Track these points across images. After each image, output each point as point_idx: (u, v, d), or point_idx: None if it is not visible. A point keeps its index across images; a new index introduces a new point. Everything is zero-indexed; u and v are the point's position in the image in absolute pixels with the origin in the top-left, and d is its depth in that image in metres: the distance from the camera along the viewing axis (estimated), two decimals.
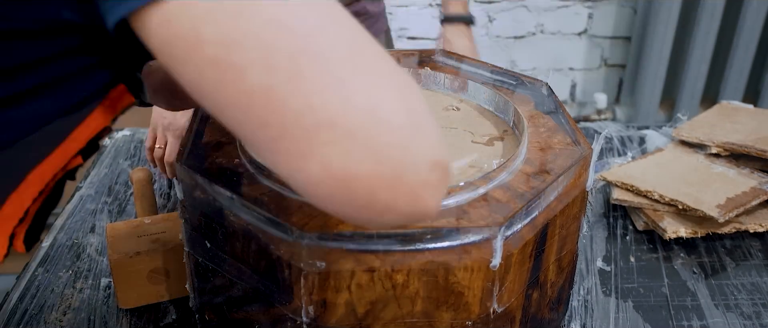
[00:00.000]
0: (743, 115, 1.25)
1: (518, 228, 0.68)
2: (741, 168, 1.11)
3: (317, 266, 0.63)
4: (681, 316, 0.91)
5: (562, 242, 0.76)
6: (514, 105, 0.89)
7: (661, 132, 1.33)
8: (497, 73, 0.97)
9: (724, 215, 1.00)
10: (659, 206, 1.06)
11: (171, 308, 0.91)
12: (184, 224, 0.76)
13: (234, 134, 0.49)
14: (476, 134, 0.88)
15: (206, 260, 0.75)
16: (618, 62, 2.34)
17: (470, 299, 0.66)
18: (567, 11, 2.26)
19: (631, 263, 1.01)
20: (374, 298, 0.65)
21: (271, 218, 0.66)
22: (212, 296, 0.79)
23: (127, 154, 1.31)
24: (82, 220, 1.10)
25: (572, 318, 0.90)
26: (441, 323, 0.67)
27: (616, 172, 1.14)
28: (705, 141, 1.16)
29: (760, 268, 1.00)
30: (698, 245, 1.04)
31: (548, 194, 0.72)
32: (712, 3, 2.05)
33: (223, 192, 0.70)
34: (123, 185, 1.20)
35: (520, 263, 0.68)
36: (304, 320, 0.66)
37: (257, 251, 0.67)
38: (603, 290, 0.95)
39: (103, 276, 0.97)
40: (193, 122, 0.84)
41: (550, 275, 0.77)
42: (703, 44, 2.11)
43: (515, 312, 0.72)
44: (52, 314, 0.90)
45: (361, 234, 0.64)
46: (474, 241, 0.65)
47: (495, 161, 0.81)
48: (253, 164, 0.73)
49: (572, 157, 0.77)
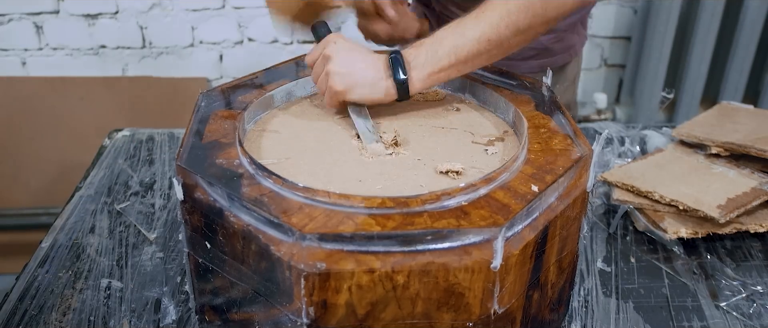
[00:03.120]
0: (743, 116, 1.25)
1: (519, 229, 0.68)
2: (741, 168, 1.11)
3: (317, 267, 0.63)
4: (681, 317, 0.91)
5: (562, 243, 0.76)
6: (514, 105, 0.89)
7: (661, 132, 1.33)
8: (497, 73, 0.97)
9: (725, 216, 1.00)
10: (660, 207, 1.06)
11: (171, 308, 0.91)
12: (184, 225, 0.76)
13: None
14: (476, 135, 0.88)
15: (206, 261, 0.75)
16: (618, 62, 2.34)
17: (471, 300, 0.66)
18: None
19: (632, 263, 1.01)
20: (374, 299, 0.65)
21: (271, 219, 0.66)
22: (212, 297, 0.79)
23: (126, 155, 1.30)
24: (82, 220, 1.10)
25: (573, 319, 0.90)
26: (441, 324, 0.67)
27: (616, 172, 1.14)
28: (705, 141, 1.16)
29: (760, 268, 1.00)
30: (698, 245, 1.04)
31: (549, 195, 0.72)
32: (712, 3, 2.04)
33: (223, 193, 0.70)
34: (123, 185, 1.20)
35: (520, 264, 0.68)
36: (304, 321, 0.66)
37: (257, 252, 0.67)
38: (603, 291, 0.95)
39: (102, 276, 0.97)
40: (193, 122, 0.84)
41: (550, 275, 0.77)
42: (703, 44, 2.10)
43: (516, 313, 0.72)
44: (51, 315, 0.90)
45: (361, 235, 0.64)
46: (475, 242, 0.65)
47: (495, 162, 0.81)
48: (253, 164, 0.73)
49: (572, 158, 0.77)
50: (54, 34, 2.20)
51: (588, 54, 2.32)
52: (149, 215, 1.12)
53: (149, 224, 1.09)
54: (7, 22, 2.17)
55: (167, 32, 2.21)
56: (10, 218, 2.17)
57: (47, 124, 2.22)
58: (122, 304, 0.92)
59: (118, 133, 1.39)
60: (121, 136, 1.38)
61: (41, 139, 2.23)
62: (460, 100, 0.96)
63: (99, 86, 2.24)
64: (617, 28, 2.28)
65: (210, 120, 0.84)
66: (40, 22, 2.17)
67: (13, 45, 2.21)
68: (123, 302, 0.93)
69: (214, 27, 2.21)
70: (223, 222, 0.69)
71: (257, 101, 0.90)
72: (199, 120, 0.84)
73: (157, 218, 1.11)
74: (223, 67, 2.28)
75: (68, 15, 2.17)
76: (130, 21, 2.19)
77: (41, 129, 2.22)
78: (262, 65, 1.01)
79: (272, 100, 0.94)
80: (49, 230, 1.08)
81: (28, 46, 2.21)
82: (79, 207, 1.14)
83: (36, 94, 2.22)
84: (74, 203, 1.15)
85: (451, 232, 0.64)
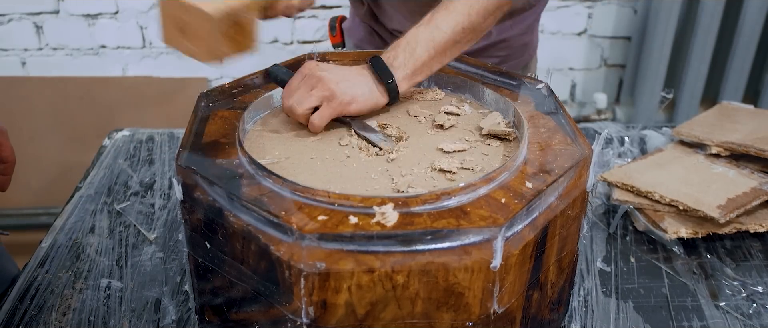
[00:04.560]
0: (743, 116, 1.25)
1: (519, 229, 0.68)
2: (741, 168, 1.11)
3: (317, 267, 0.63)
4: (681, 316, 0.91)
5: (562, 243, 0.76)
6: (514, 105, 0.89)
7: (661, 132, 1.33)
8: (497, 73, 0.97)
9: (725, 216, 1.00)
10: (660, 207, 1.06)
11: (171, 308, 0.91)
12: (184, 225, 0.76)
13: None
14: (476, 134, 0.88)
15: (206, 261, 0.75)
16: (618, 62, 2.34)
17: (470, 299, 0.66)
18: (567, 11, 2.25)
19: (632, 263, 1.01)
20: (374, 299, 0.65)
21: (271, 219, 0.66)
22: (212, 297, 0.79)
23: (126, 155, 1.30)
24: (82, 220, 1.10)
25: (572, 319, 0.90)
26: (441, 323, 0.67)
27: (616, 172, 1.14)
28: (705, 140, 1.16)
29: (760, 268, 1.00)
30: (698, 245, 1.04)
31: (548, 195, 0.72)
32: (712, 3, 2.05)
33: (223, 193, 0.70)
34: (122, 186, 1.20)
35: (520, 263, 0.68)
36: (304, 320, 0.66)
37: (257, 252, 0.67)
38: (603, 291, 0.95)
39: (102, 276, 0.97)
40: (193, 122, 0.84)
41: (550, 275, 0.77)
42: (703, 44, 2.10)
43: (516, 313, 0.72)
44: (51, 315, 0.90)
45: (360, 235, 0.64)
46: (474, 242, 0.65)
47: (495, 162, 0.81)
48: (253, 164, 0.73)
49: (572, 158, 0.77)
50: (54, 34, 2.20)
51: (588, 54, 2.32)
52: (149, 215, 1.12)
53: (149, 224, 1.09)
54: (7, 22, 2.17)
55: None
56: (10, 218, 2.17)
57: (47, 124, 2.22)
58: (122, 304, 0.92)
59: (118, 133, 1.39)
60: (121, 136, 1.38)
61: (41, 139, 2.23)
62: (460, 100, 0.96)
63: (99, 86, 2.24)
64: (617, 28, 2.28)
65: (210, 120, 0.84)
66: (40, 22, 2.18)
67: (13, 45, 2.21)
68: (123, 302, 0.93)
69: None
70: (223, 222, 0.69)
71: (257, 101, 0.90)
72: (199, 120, 0.84)
73: (156, 218, 1.11)
74: (223, 67, 2.28)
75: (68, 15, 2.17)
76: (130, 21, 2.19)
77: (41, 129, 2.22)
78: (262, 65, 1.01)
79: (272, 100, 0.94)
80: (49, 230, 1.08)
81: (28, 46, 2.21)
82: (79, 207, 1.14)
83: (36, 94, 2.22)
84: (74, 203, 1.15)
85: (450, 232, 0.64)
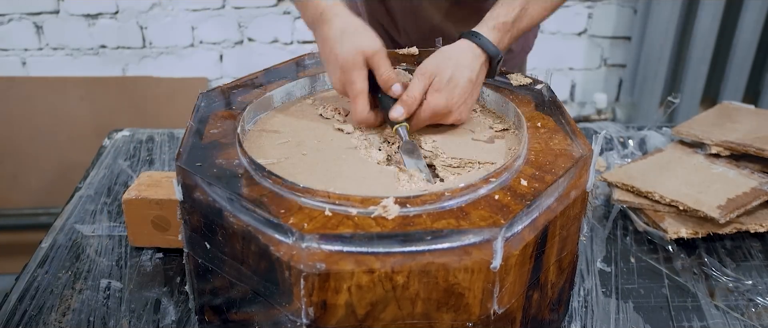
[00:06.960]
0: (743, 115, 1.25)
1: (519, 229, 0.68)
2: (741, 169, 1.11)
3: (317, 268, 0.63)
4: (681, 317, 0.91)
5: (562, 243, 0.76)
6: (514, 105, 0.89)
7: (661, 132, 1.33)
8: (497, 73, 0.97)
9: (725, 216, 0.99)
10: (660, 207, 1.06)
11: (170, 309, 0.91)
12: (184, 225, 0.76)
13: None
14: (476, 133, 0.88)
15: (206, 262, 0.75)
16: (618, 62, 2.34)
17: (470, 300, 0.66)
18: (567, 11, 2.25)
19: (632, 263, 1.01)
20: (374, 299, 0.65)
21: (270, 220, 0.66)
22: (212, 297, 0.79)
23: (126, 155, 1.30)
24: (82, 221, 1.10)
25: (572, 319, 0.90)
26: (441, 324, 0.67)
27: (617, 172, 1.14)
28: (704, 140, 1.16)
29: (760, 268, 1.00)
30: (698, 245, 1.04)
31: (549, 195, 0.72)
32: (712, 3, 2.04)
33: (222, 193, 0.70)
34: (122, 186, 1.20)
35: (520, 264, 0.68)
36: (304, 321, 0.66)
37: (257, 253, 0.67)
38: (603, 291, 0.95)
39: (102, 277, 0.97)
40: (193, 122, 0.84)
41: (550, 276, 0.77)
42: (703, 44, 2.10)
43: (516, 313, 0.72)
44: (51, 315, 0.90)
45: (360, 235, 0.64)
46: (474, 242, 0.65)
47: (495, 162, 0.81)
48: (253, 164, 0.73)
49: (572, 158, 0.77)
50: (54, 34, 2.20)
51: (588, 54, 2.32)
52: None
53: None
54: (7, 22, 2.17)
55: (167, 32, 2.21)
56: (10, 218, 2.17)
57: (47, 124, 2.22)
58: (122, 304, 0.92)
59: (118, 133, 1.39)
60: (121, 136, 1.38)
61: (41, 139, 2.23)
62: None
63: (99, 86, 2.24)
64: (617, 28, 2.28)
65: (210, 120, 0.84)
66: (40, 22, 2.17)
67: (13, 45, 2.21)
68: (123, 302, 0.93)
69: (214, 27, 2.21)
70: (223, 222, 0.69)
71: (257, 101, 0.90)
72: (199, 120, 0.84)
73: None
74: (223, 67, 2.28)
75: (68, 15, 2.17)
76: (130, 21, 2.19)
77: (41, 129, 2.22)
78: (262, 65, 1.01)
79: (272, 100, 0.94)
80: (49, 230, 1.08)
81: (28, 46, 2.21)
82: (78, 207, 1.14)
83: (36, 94, 2.22)
84: (74, 203, 1.15)
85: (450, 232, 0.64)
